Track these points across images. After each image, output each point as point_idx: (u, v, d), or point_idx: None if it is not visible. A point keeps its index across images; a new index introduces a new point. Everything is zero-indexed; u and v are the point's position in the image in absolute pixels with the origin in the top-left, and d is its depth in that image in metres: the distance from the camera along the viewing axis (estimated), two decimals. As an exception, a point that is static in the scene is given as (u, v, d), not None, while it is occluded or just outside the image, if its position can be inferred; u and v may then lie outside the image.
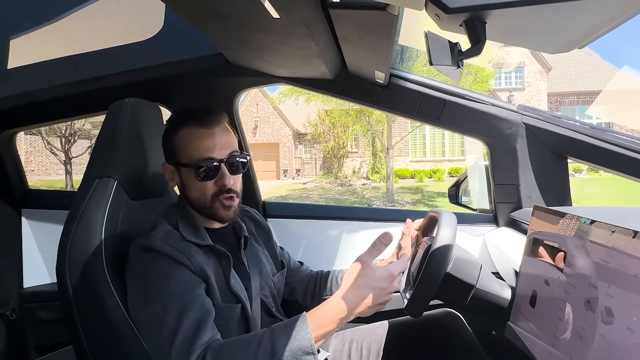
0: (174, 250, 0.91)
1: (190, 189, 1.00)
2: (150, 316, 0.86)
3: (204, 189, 0.97)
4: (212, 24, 1.06)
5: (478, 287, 1.10)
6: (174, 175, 1.02)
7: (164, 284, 0.87)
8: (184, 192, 1.02)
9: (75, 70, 1.60)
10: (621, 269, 0.62)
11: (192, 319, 0.83)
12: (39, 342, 1.69)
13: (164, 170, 1.03)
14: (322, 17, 1.02)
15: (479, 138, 1.57)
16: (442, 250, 1.03)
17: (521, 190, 1.54)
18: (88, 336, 0.94)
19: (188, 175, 0.99)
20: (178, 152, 0.99)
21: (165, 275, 0.88)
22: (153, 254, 0.91)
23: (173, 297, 0.86)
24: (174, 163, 1.00)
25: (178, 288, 0.87)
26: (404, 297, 1.18)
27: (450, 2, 0.72)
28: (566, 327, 0.72)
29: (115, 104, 1.11)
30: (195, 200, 1.00)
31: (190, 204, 1.02)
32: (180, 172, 1.00)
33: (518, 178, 1.53)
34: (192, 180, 0.98)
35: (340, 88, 1.58)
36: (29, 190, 1.86)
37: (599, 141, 1.40)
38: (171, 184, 1.04)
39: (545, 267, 0.82)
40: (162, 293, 0.86)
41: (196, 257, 0.93)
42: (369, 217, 1.70)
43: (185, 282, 0.89)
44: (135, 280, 0.93)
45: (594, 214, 0.73)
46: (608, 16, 0.68)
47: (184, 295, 0.86)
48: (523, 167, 1.52)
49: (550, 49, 0.92)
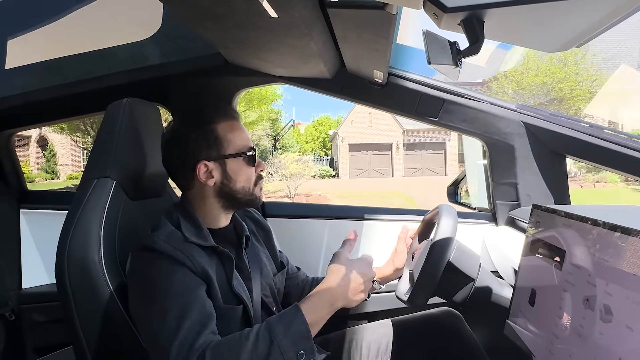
0: (176, 251, 0.91)
1: (237, 179, 1.01)
2: (151, 316, 0.86)
3: (251, 175, 1.03)
4: (211, 24, 1.06)
5: (477, 284, 1.10)
6: (213, 172, 1.00)
7: (165, 284, 0.87)
8: (228, 186, 1.01)
9: (73, 70, 1.60)
10: (620, 267, 0.62)
11: (193, 320, 0.83)
12: (38, 342, 1.69)
13: (199, 170, 0.99)
14: (320, 16, 1.02)
15: (478, 137, 1.57)
16: (445, 239, 1.04)
17: (520, 189, 1.54)
18: (87, 337, 0.94)
19: (237, 166, 1.01)
20: (223, 145, 1.00)
21: (167, 276, 0.88)
22: (155, 254, 0.90)
23: (174, 297, 0.85)
24: (219, 157, 1.00)
25: (179, 289, 0.87)
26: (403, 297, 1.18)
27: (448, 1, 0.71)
28: (565, 326, 0.72)
29: (113, 104, 1.11)
30: (241, 190, 1.02)
31: (229, 198, 1.03)
32: (227, 165, 1.00)
33: (517, 177, 1.54)
34: (241, 170, 1.01)
35: (339, 87, 1.58)
36: (27, 190, 1.86)
37: (598, 139, 1.40)
38: (209, 184, 1.00)
39: (544, 266, 0.82)
40: (163, 293, 0.86)
41: (198, 258, 0.93)
42: (369, 216, 1.70)
43: (187, 283, 0.88)
44: (136, 280, 0.92)
45: (593, 213, 0.73)
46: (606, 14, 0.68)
47: (185, 295, 0.86)
48: (522, 166, 1.52)
49: (549, 47, 0.92)
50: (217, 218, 1.04)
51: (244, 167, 1.02)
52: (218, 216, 1.04)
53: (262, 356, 0.78)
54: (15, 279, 1.71)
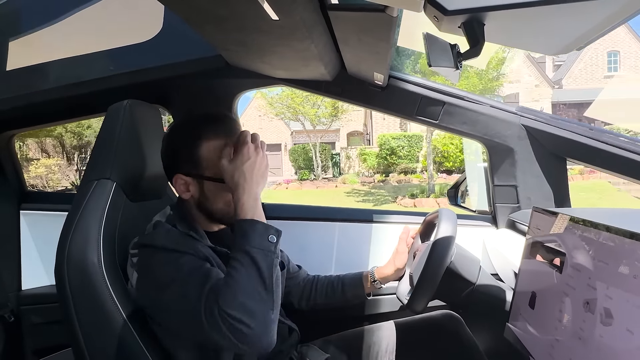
0: (178, 244, 0.91)
1: (214, 201, 0.97)
2: (170, 298, 0.86)
3: (231, 201, 0.93)
4: (212, 26, 1.07)
5: (477, 287, 1.10)
6: (189, 187, 0.98)
7: (174, 268, 0.87)
8: (204, 205, 0.99)
9: (74, 72, 1.60)
10: (620, 270, 0.62)
11: (212, 284, 0.83)
12: (37, 344, 1.69)
13: (176, 182, 0.98)
14: (321, 19, 1.02)
15: (478, 139, 1.57)
16: (444, 243, 1.04)
17: (520, 192, 1.54)
18: (86, 338, 0.94)
19: (214, 189, 0.96)
20: (204, 166, 0.96)
21: (174, 262, 0.88)
22: (156, 250, 0.91)
23: (187, 275, 0.86)
24: (197, 176, 0.97)
25: (190, 268, 0.87)
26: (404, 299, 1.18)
27: (449, 4, 0.72)
28: (565, 329, 0.72)
29: (114, 106, 1.11)
30: (219, 211, 0.98)
31: (208, 214, 1.00)
32: (204, 185, 0.97)
33: (517, 179, 1.54)
34: (218, 193, 0.96)
35: (339, 90, 1.58)
36: (27, 191, 1.86)
37: (598, 142, 1.40)
38: (183, 196, 0.99)
39: (544, 269, 0.82)
40: (175, 275, 0.86)
41: (199, 248, 0.93)
42: (367, 218, 1.70)
43: (194, 263, 0.89)
44: (145, 275, 0.92)
45: (593, 215, 0.73)
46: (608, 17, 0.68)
47: (197, 272, 0.87)
48: (522, 169, 1.52)
49: (550, 50, 0.92)
50: (208, 224, 1.04)
51: (221, 192, 0.96)
52: (209, 223, 1.03)
53: (253, 269, 0.82)
54: (14, 280, 1.71)
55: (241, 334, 0.78)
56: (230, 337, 0.78)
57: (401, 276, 1.27)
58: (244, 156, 0.91)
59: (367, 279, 1.27)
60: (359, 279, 1.28)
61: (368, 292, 1.28)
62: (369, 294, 1.28)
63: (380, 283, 1.27)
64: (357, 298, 1.27)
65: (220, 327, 0.78)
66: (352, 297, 1.27)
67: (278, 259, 0.87)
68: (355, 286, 1.27)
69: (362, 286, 1.27)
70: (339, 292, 1.27)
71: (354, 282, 1.27)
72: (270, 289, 0.82)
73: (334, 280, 1.29)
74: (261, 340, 0.79)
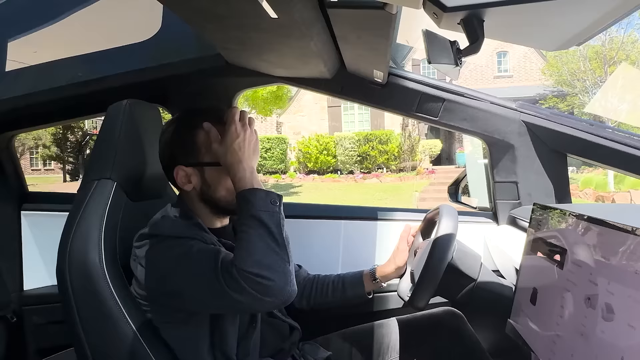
0: (184, 232, 0.93)
1: (217, 188, 0.99)
2: (183, 277, 0.87)
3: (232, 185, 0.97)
4: (210, 25, 1.06)
5: (479, 283, 1.10)
6: (190, 178, 0.99)
7: (182, 252, 0.89)
8: (207, 194, 1.00)
9: (73, 72, 1.60)
10: (621, 265, 0.62)
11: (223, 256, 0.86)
12: (39, 344, 1.69)
13: (177, 174, 1.00)
14: (320, 16, 1.02)
15: (478, 136, 1.57)
16: (445, 240, 1.04)
17: (521, 188, 1.54)
18: (89, 338, 0.94)
19: (215, 174, 0.98)
20: (202, 153, 0.98)
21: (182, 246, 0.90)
22: (164, 238, 0.92)
23: (197, 253, 0.88)
24: (196, 164, 0.99)
25: (198, 248, 0.89)
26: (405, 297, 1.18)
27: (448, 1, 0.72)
28: (567, 324, 0.72)
29: (113, 106, 1.11)
30: (222, 199, 1.00)
31: (212, 204, 1.01)
32: (204, 173, 0.99)
33: (518, 176, 1.53)
34: (220, 179, 0.98)
35: (339, 87, 1.58)
36: (28, 192, 1.86)
37: (598, 138, 1.40)
38: (186, 188, 1.00)
39: (545, 265, 0.82)
40: (184, 256, 0.88)
41: (205, 235, 0.95)
42: (369, 216, 1.70)
43: (202, 246, 0.91)
44: (153, 264, 0.92)
45: (594, 211, 0.73)
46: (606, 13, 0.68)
47: (206, 251, 0.89)
48: (522, 165, 1.52)
49: (549, 46, 0.92)
50: (211, 220, 1.04)
51: (221, 177, 0.98)
52: (211, 218, 1.05)
53: (263, 229, 0.85)
54: (16, 280, 1.71)
55: (264, 287, 0.80)
56: (254, 293, 0.80)
57: (402, 274, 1.27)
58: (232, 135, 0.94)
59: (368, 277, 1.27)
60: (359, 278, 1.28)
61: (369, 290, 1.28)
62: (369, 292, 1.28)
63: (381, 281, 1.27)
64: (357, 297, 1.27)
65: (243, 287, 0.80)
66: (352, 296, 1.27)
67: (284, 219, 0.89)
68: (355, 285, 1.27)
69: (362, 285, 1.27)
70: (339, 291, 1.27)
71: (354, 281, 1.28)
72: (283, 243, 0.85)
73: (334, 280, 1.29)
74: (283, 290, 0.82)
